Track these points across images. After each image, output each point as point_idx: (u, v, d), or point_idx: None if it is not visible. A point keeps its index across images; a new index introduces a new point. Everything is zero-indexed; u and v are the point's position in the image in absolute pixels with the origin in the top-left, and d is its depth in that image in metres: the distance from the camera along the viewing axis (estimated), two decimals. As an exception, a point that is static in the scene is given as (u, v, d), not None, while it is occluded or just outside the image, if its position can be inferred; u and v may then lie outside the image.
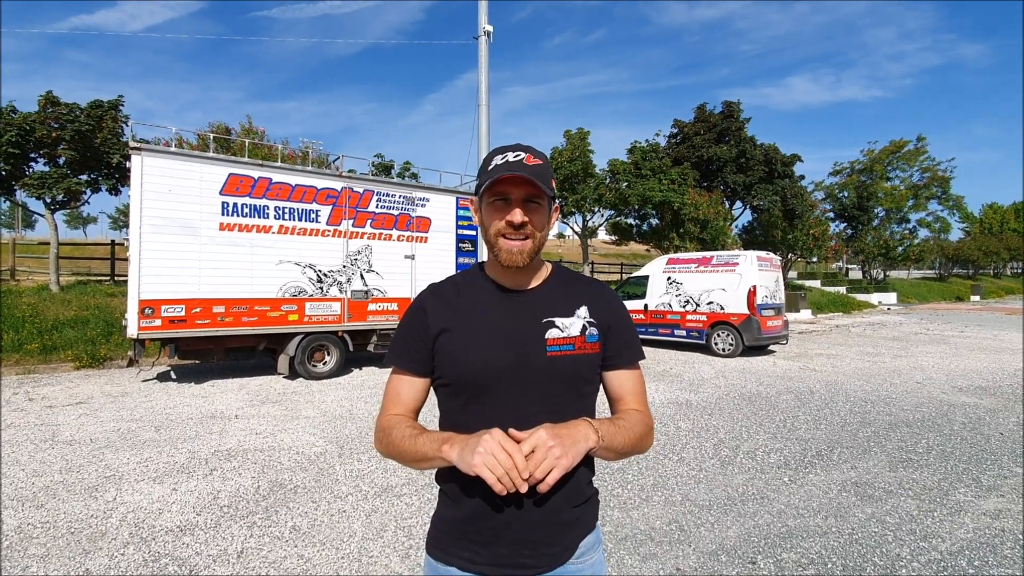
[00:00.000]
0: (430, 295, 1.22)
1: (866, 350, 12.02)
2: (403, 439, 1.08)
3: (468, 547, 1.11)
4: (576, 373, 1.16)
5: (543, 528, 1.09)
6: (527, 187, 1.09)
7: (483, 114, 17.71)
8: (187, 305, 7.21)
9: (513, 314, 1.16)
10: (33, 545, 3.13)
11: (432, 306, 1.18)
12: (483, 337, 1.13)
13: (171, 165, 7.16)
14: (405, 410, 1.17)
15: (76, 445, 4.93)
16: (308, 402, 6.73)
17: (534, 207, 1.11)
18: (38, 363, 8.93)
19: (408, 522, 3.44)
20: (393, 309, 9.01)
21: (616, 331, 1.22)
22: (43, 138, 11.19)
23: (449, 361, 1.13)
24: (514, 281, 1.19)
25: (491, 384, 1.11)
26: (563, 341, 1.15)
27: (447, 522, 1.15)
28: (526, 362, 1.12)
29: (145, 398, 6.85)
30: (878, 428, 5.70)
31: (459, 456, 0.98)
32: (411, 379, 1.18)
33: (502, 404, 1.11)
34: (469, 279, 1.24)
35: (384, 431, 1.13)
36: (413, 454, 1.07)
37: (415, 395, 1.18)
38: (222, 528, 3.34)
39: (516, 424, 1.10)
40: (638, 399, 1.23)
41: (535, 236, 1.11)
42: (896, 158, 38.11)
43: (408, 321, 1.20)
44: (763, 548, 3.13)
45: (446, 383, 1.15)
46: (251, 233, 7.73)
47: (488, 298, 1.18)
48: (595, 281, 1.28)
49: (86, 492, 3.88)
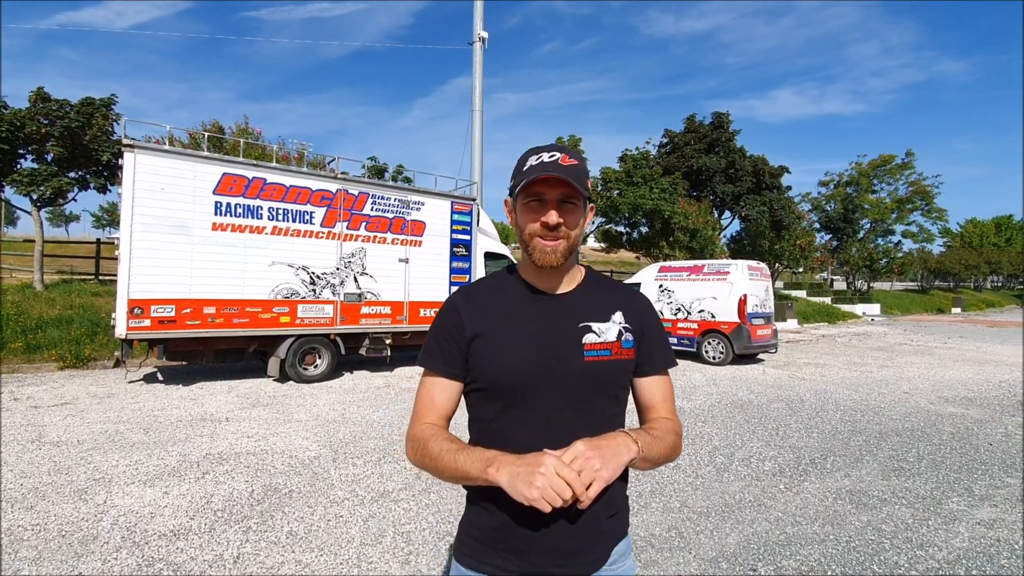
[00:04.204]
0: (463, 297, 1.20)
1: (853, 360, 12.17)
2: (442, 453, 1.05)
3: (500, 555, 1.09)
4: (613, 379, 1.16)
5: (579, 538, 1.09)
6: (562, 188, 1.08)
7: (477, 119, 17.78)
8: (177, 305, 7.10)
9: (549, 318, 1.15)
10: (24, 548, 3.05)
11: (466, 308, 1.17)
12: (519, 341, 1.12)
13: (164, 163, 7.06)
14: (439, 417, 1.15)
15: (64, 447, 4.82)
16: (300, 405, 6.65)
17: (569, 208, 1.10)
18: (21, 362, 8.73)
19: (407, 528, 3.40)
20: (386, 312, 8.96)
21: (649, 337, 1.22)
22: (32, 134, 11.00)
23: (484, 365, 1.12)
24: (548, 283, 1.18)
25: (527, 389, 1.09)
26: (600, 346, 1.14)
27: (478, 529, 1.13)
28: (564, 367, 1.11)
29: (132, 399, 6.72)
30: (869, 437, 5.76)
31: (510, 483, 0.93)
32: (446, 383, 1.16)
33: (537, 409, 1.10)
34: (502, 281, 1.23)
35: (419, 442, 1.10)
36: (453, 471, 1.03)
37: (449, 400, 1.16)
38: (217, 533, 3.28)
39: (550, 429, 1.09)
40: (668, 406, 1.23)
41: (569, 237, 1.11)
42: (883, 171, 38.83)
43: (442, 323, 1.18)
44: (763, 555, 3.14)
45: (480, 387, 1.14)
46: (244, 234, 7.64)
47: (522, 301, 1.17)
48: (628, 287, 1.28)
49: (76, 494, 3.79)
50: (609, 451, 0.98)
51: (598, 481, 0.92)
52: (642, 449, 1.04)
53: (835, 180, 38.93)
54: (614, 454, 0.98)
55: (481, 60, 17.77)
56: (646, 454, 1.05)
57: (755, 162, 25.29)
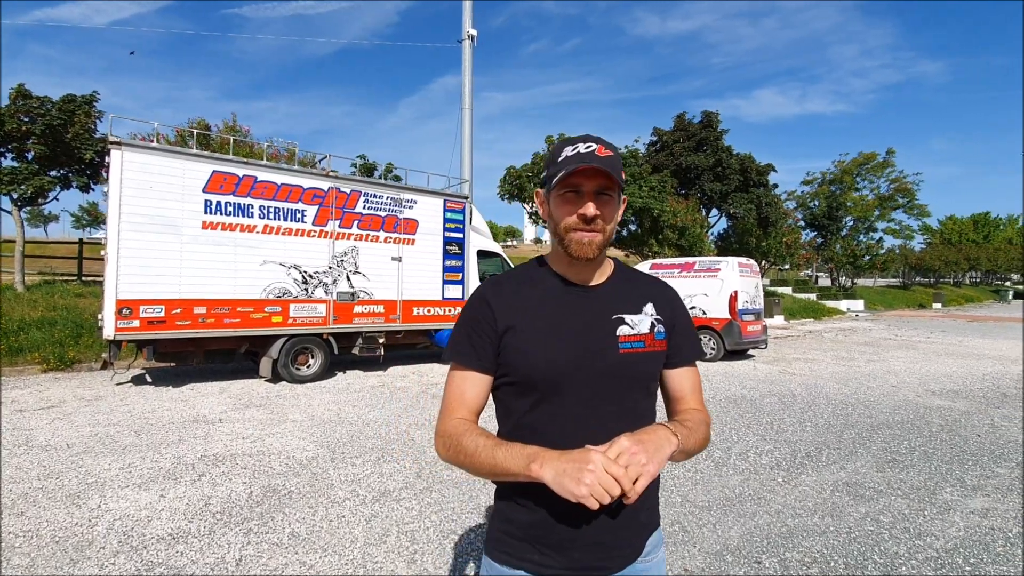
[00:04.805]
0: (493, 289, 1.18)
1: (840, 355, 12.34)
2: (478, 450, 1.03)
3: (539, 550, 1.08)
4: (647, 371, 1.16)
5: (619, 531, 1.08)
6: (599, 179, 1.07)
7: (467, 117, 17.73)
8: (167, 306, 6.98)
9: (581, 310, 1.14)
10: (16, 555, 2.97)
11: (497, 301, 1.15)
12: (554, 334, 1.10)
13: (152, 161, 6.93)
14: (469, 412, 1.13)
15: (52, 451, 4.71)
16: (294, 406, 6.58)
17: (605, 199, 1.09)
18: (3, 365, 8.52)
19: (410, 527, 3.37)
20: (379, 311, 8.89)
21: (679, 329, 1.22)
22: (12, 132, 10.73)
23: (518, 358, 1.10)
24: (581, 276, 1.17)
25: (563, 382, 1.08)
26: (634, 338, 1.14)
27: (514, 524, 1.11)
28: (599, 359, 1.10)
29: (121, 402, 6.59)
30: (861, 430, 5.84)
31: (556, 480, 0.91)
32: (477, 377, 1.14)
33: (573, 402, 1.09)
34: (532, 273, 1.21)
35: (452, 437, 1.08)
36: (491, 467, 1.01)
37: (480, 395, 1.14)
38: (217, 535, 3.23)
39: (585, 423, 1.08)
40: (697, 397, 1.24)
41: (605, 230, 1.10)
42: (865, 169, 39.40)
43: (472, 316, 1.16)
44: (766, 548, 3.17)
45: (513, 381, 1.12)
46: (235, 232, 7.53)
47: (555, 293, 1.16)
48: (657, 279, 1.28)
49: (68, 499, 3.71)
50: (652, 445, 0.97)
51: (645, 476, 0.91)
52: (681, 441, 1.03)
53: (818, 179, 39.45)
54: (657, 448, 0.97)
55: (470, 58, 17.71)
56: (684, 446, 1.05)
57: (742, 160, 25.51)
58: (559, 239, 1.12)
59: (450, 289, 9.76)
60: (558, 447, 0.99)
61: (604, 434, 1.03)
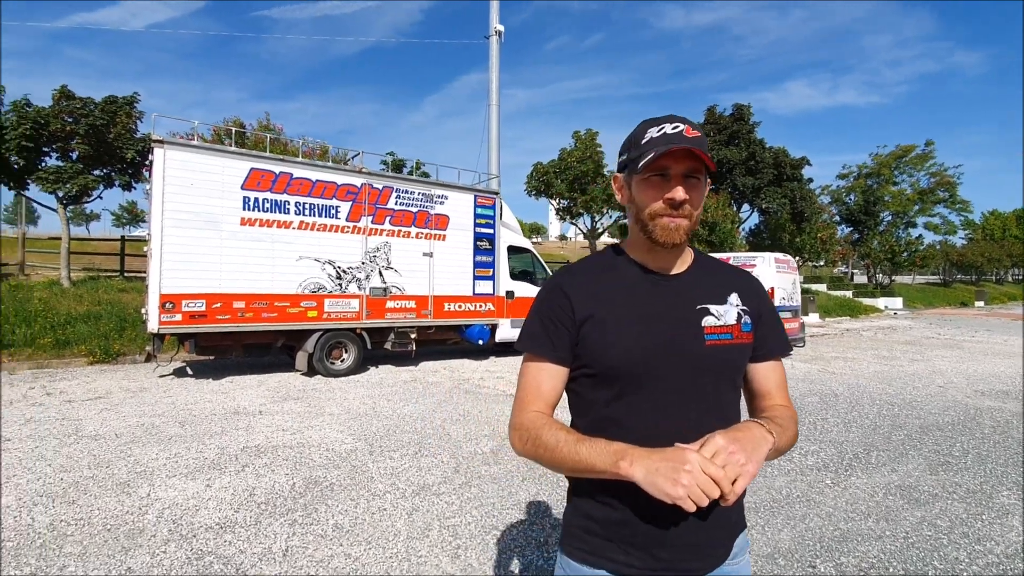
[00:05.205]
0: (568, 277, 1.14)
1: (881, 354, 11.94)
2: (559, 444, 0.98)
3: (624, 550, 1.03)
4: (734, 364, 1.10)
5: (709, 532, 1.03)
6: (688, 161, 1.01)
7: (494, 113, 17.69)
8: (208, 300, 7.14)
9: (664, 299, 1.09)
10: (68, 543, 3.04)
11: (574, 290, 1.10)
12: (636, 323, 1.05)
13: (193, 159, 7.09)
14: (546, 405, 1.09)
15: (101, 440, 4.86)
16: (330, 399, 6.66)
17: (693, 183, 1.03)
18: (51, 358, 8.86)
19: (452, 521, 3.37)
20: (411, 307, 8.94)
21: (766, 321, 1.16)
22: (57, 132, 11.13)
23: (598, 349, 1.05)
24: (662, 264, 1.12)
25: (647, 374, 1.03)
26: (721, 330, 1.08)
27: (595, 522, 1.07)
28: (684, 351, 1.05)
29: (164, 393, 6.77)
30: (910, 431, 5.63)
31: (648, 480, 0.87)
32: (554, 369, 1.09)
33: (656, 396, 1.04)
34: (609, 261, 1.16)
35: (529, 430, 1.04)
36: (573, 463, 0.97)
37: (556, 387, 1.10)
38: (263, 526, 3.27)
39: (670, 417, 1.03)
40: (784, 394, 1.18)
41: (692, 215, 1.04)
42: (903, 162, 38.06)
43: (547, 305, 1.11)
44: (819, 551, 3.06)
45: (592, 373, 1.07)
46: (272, 228, 7.66)
47: (635, 282, 1.11)
48: (739, 268, 1.22)
49: (118, 488, 3.81)
50: (750, 444, 0.91)
51: (744, 476, 0.86)
52: (776, 440, 0.98)
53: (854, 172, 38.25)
54: (755, 447, 0.92)
55: (497, 54, 17.67)
56: (778, 444, 0.99)
57: (776, 154, 24.91)
58: (642, 225, 1.07)
59: (481, 285, 9.76)
60: (642, 442, 0.94)
61: (691, 429, 0.98)
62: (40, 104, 11.22)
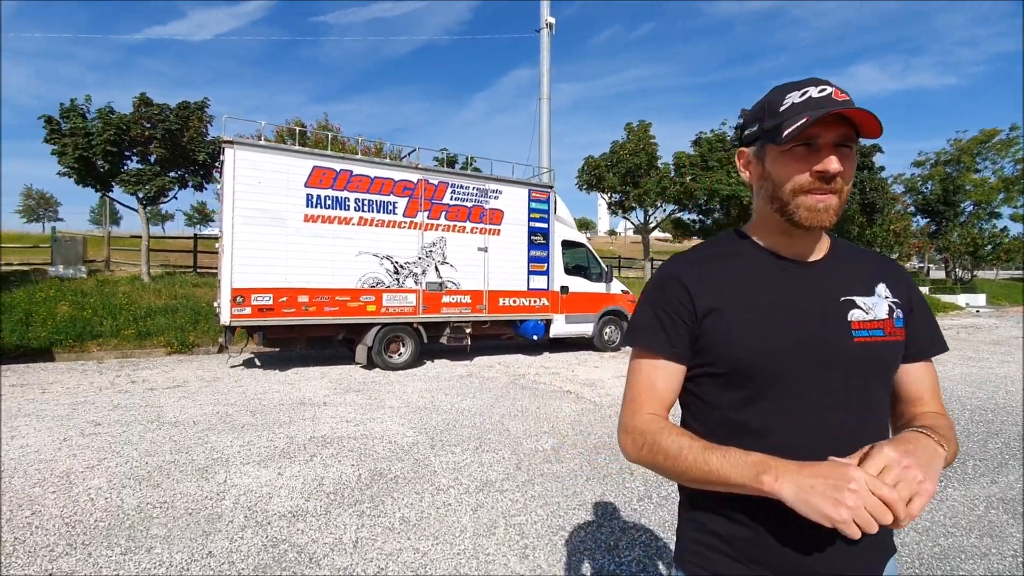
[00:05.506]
0: (684, 265, 1.03)
1: (967, 355, 11.04)
2: (683, 451, 0.88)
3: (754, 569, 0.92)
4: (887, 364, 0.97)
5: (860, 556, 0.91)
6: (840, 128, 0.88)
7: (545, 107, 17.55)
8: (275, 294, 7.42)
9: (802, 290, 0.96)
10: (155, 525, 3.19)
11: (692, 279, 0.99)
12: (770, 316, 0.94)
13: (261, 158, 7.36)
14: (661, 407, 0.99)
15: (181, 427, 5.11)
16: (389, 392, 6.77)
17: (846, 152, 0.89)
18: (134, 348, 9.47)
19: (517, 519, 3.31)
20: (466, 302, 8.98)
21: (918, 314, 1.02)
22: (137, 137, 11.86)
23: (726, 345, 0.94)
24: (797, 249, 0.99)
25: (786, 374, 0.91)
26: (871, 325, 0.95)
27: (719, 538, 0.96)
28: (831, 349, 0.92)
29: (236, 383, 7.08)
30: (1008, 439, 5.14)
31: (800, 498, 0.75)
32: (671, 367, 0.99)
33: (797, 399, 0.92)
34: (731, 247, 1.05)
35: (644, 434, 0.94)
36: (701, 473, 0.86)
37: (672, 387, 1.00)
38: (333, 516, 3.32)
39: (816, 423, 0.91)
40: (937, 399, 1.03)
41: (843, 191, 0.91)
42: (986, 148, 35.10)
43: (662, 296, 1.01)
44: (920, 568, 2.81)
45: (718, 372, 0.96)
46: (333, 224, 7.86)
47: (767, 270, 0.99)
48: (884, 255, 1.08)
49: (197, 473, 3.98)
50: (924, 457, 0.78)
51: (922, 496, 0.73)
52: (947, 453, 0.84)
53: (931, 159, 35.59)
54: (929, 461, 0.78)
55: (548, 47, 17.49)
56: (949, 458, 0.85)
57: (843, 141, 23.51)
58: (779, 204, 0.94)
59: (535, 280, 9.68)
60: (781, 452, 0.83)
61: (839, 438, 0.87)
62: (122, 112, 12.00)
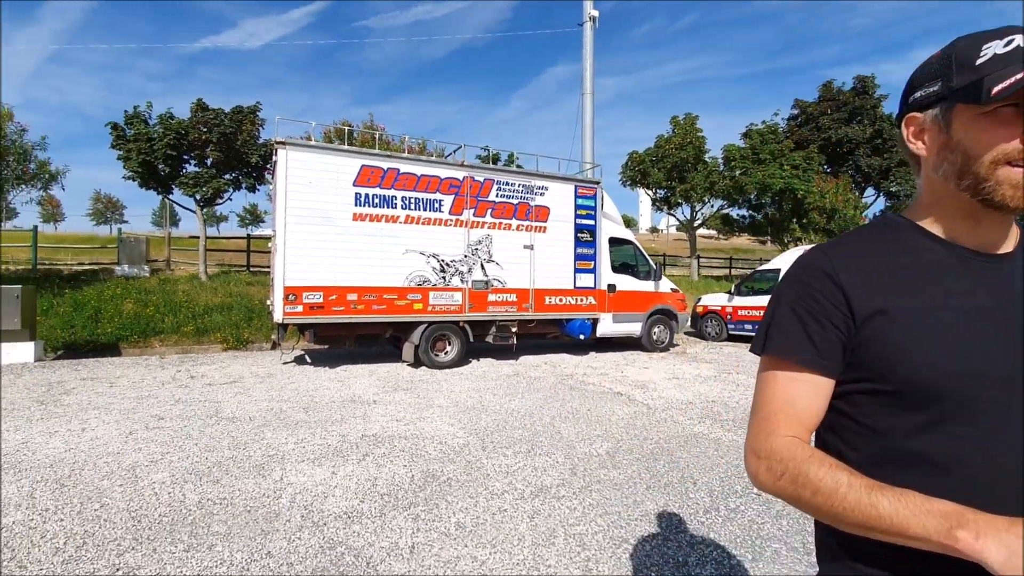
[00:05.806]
0: (836, 258, 0.85)
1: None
2: (839, 488, 0.72)
3: None
4: None
5: None
6: None
7: (588, 102, 17.24)
8: (325, 292, 7.52)
9: (994, 289, 0.79)
10: (215, 522, 3.20)
11: (847, 274, 0.82)
12: (957, 323, 0.77)
13: (311, 158, 7.47)
14: (804, 429, 0.83)
15: (238, 423, 5.21)
16: (437, 391, 6.74)
17: None
18: (192, 344, 9.83)
19: (577, 529, 3.17)
20: (512, 300, 8.87)
21: None
22: (194, 141, 12.34)
23: (897, 357, 0.77)
24: (985, 238, 0.81)
25: (984, 396, 0.74)
26: None
27: None
28: None
29: (289, 380, 7.22)
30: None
31: (1010, 563, 0.58)
32: (818, 381, 0.83)
33: (996, 428, 0.74)
34: (892, 234, 0.86)
35: (785, 462, 0.79)
36: (865, 518, 0.69)
37: (818, 406, 0.83)
38: (387, 518, 3.27)
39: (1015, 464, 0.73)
40: None
41: None
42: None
43: (807, 295, 0.84)
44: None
45: (885, 389, 0.79)
46: (380, 223, 7.90)
47: (945, 264, 0.81)
48: None
49: (254, 470, 4.01)
50: None
51: None
52: None
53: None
54: None
55: (591, 41, 17.17)
56: None
57: (906, 130, 22.17)
58: (973, 180, 0.76)
59: (582, 278, 9.48)
60: (973, 494, 0.67)
61: None
62: (180, 117, 12.52)
